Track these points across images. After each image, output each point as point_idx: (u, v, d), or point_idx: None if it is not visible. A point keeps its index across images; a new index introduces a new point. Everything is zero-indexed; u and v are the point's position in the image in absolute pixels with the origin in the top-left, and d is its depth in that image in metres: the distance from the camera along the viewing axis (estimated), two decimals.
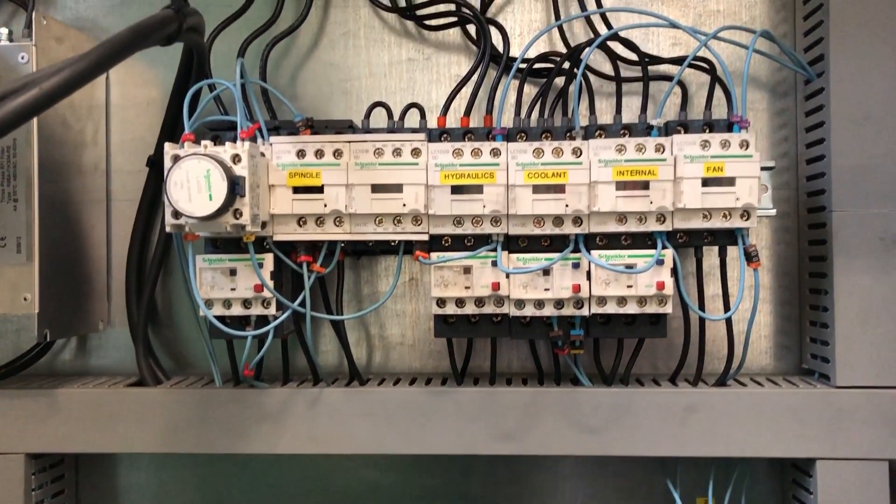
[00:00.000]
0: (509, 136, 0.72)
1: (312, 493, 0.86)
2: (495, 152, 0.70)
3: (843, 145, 0.73)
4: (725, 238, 0.71)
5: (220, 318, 0.71)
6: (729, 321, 0.74)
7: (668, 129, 0.71)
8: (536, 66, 0.77)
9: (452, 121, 0.80)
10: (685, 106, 0.76)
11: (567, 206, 0.69)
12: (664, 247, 0.70)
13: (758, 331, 0.82)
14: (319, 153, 0.71)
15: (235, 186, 0.64)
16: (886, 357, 0.72)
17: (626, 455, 0.73)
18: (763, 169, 0.73)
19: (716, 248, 0.74)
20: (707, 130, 0.71)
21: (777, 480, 0.82)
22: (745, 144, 0.69)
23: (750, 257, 0.70)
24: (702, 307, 0.74)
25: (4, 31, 0.73)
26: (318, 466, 0.86)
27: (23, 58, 0.72)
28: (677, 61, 0.78)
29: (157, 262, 0.83)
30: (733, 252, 0.74)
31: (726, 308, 0.74)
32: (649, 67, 0.77)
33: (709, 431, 0.72)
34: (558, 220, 0.70)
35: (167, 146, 0.66)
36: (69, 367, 0.87)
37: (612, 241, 0.71)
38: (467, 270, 0.71)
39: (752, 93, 0.82)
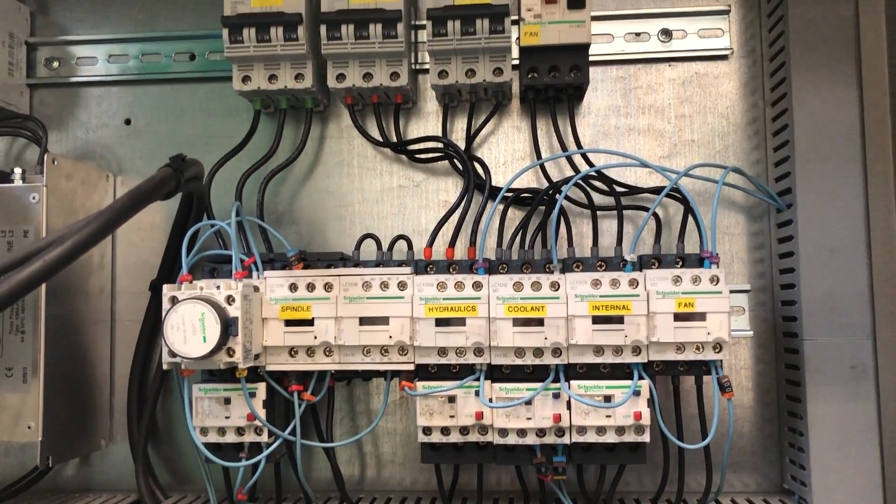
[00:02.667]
0: (491, 267, 0.75)
1: None
2: (477, 285, 0.74)
3: (812, 276, 0.76)
4: (699, 369, 0.73)
5: (216, 445, 0.75)
6: (707, 447, 0.76)
7: (642, 263, 0.75)
8: (521, 193, 0.82)
9: (441, 243, 0.83)
10: (659, 238, 0.79)
11: (546, 338, 0.72)
12: (640, 377, 0.73)
13: (741, 447, 0.83)
14: (311, 286, 0.75)
15: (229, 328, 0.68)
16: (862, 484, 0.73)
17: None
18: (739, 292, 0.77)
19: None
20: (680, 263, 0.74)
21: None
22: (715, 280, 0.72)
23: (723, 388, 0.72)
24: (680, 430, 0.77)
25: (18, 171, 0.78)
26: None
27: (34, 198, 0.77)
28: (656, 191, 0.82)
29: (158, 382, 0.86)
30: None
31: (703, 432, 0.76)
32: (631, 193, 0.81)
33: None
34: (538, 351, 0.73)
35: (165, 288, 0.70)
36: (72, 482, 0.90)
37: (591, 370, 0.74)
38: (452, 399, 0.74)
39: (730, 216, 0.85)
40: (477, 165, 0.83)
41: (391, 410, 0.87)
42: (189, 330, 0.67)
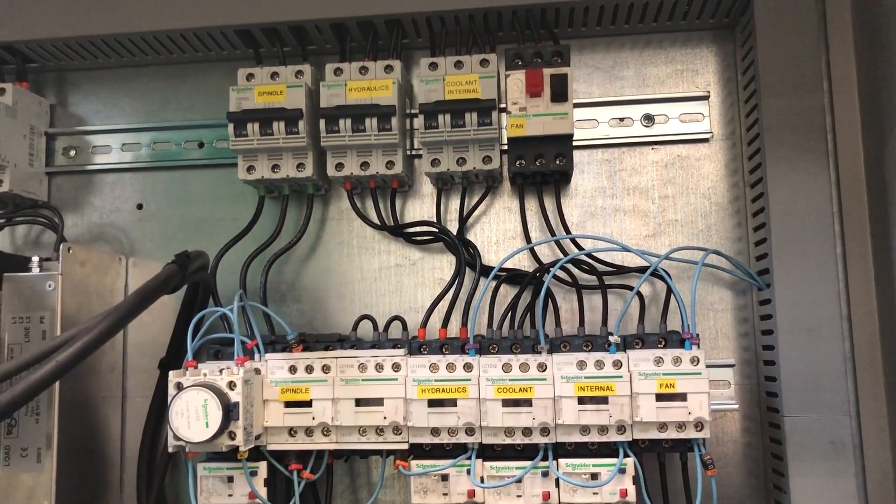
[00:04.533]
0: (482, 346, 0.79)
1: None
2: (468, 367, 0.77)
3: (790, 354, 0.79)
4: (684, 446, 0.76)
5: None
6: None
7: (626, 343, 0.78)
8: (511, 273, 0.86)
9: (437, 320, 0.87)
10: (643, 318, 0.83)
11: (534, 418, 0.75)
12: (626, 455, 0.75)
13: None
14: (309, 368, 0.79)
15: (230, 412, 0.72)
16: None
17: None
18: (724, 366, 0.80)
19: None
20: (662, 343, 0.77)
21: None
22: (695, 361, 0.75)
23: (706, 465, 0.75)
24: None
25: (35, 259, 0.83)
26: None
27: (50, 286, 0.82)
28: (641, 270, 0.85)
29: (166, 458, 0.89)
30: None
31: None
32: (618, 273, 0.85)
33: None
34: (527, 430, 0.76)
35: (171, 374, 0.74)
36: None
37: (579, 447, 0.77)
38: (445, 478, 0.77)
39: (716, 292, 0.88)
40: (469, 247, 0.87)
41: (390, 484, 0.90)
42: (193, 416, 0.71)
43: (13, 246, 0.97)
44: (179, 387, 0.72)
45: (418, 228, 0.89)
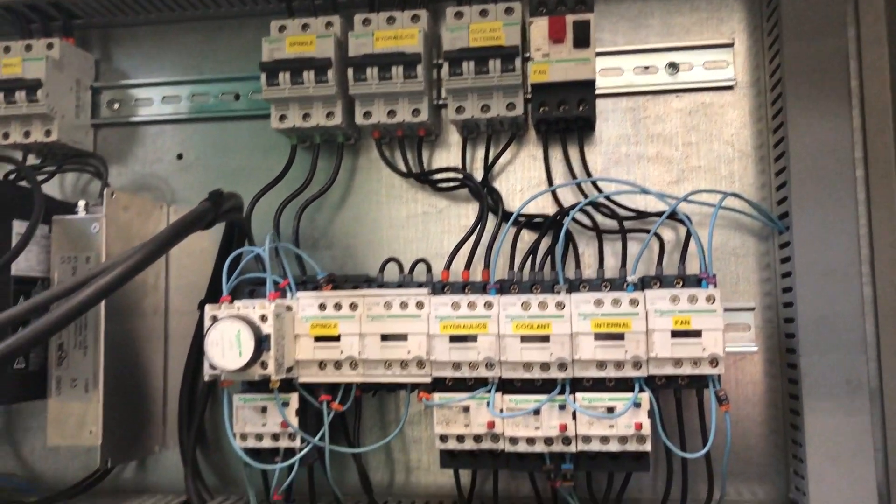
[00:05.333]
0: (503, 288, 0.82)
1: None
2: (488, 305, 0.80)
3: (807, 296, 0.80)
4: (699, 383, 0.78)
5: (254, 450, 0.82)
6: (708, 456, 0.80)
7: (644, 283, 0.80)
8: (532, 219, 0.88)
9: (460, 265, 0.89)
10: (661, 260, 0.84)
11: (552, 354, 0.78)
12: (641, 390, 0.78)
13: (749, 458, 0.87)
14: (338, 306, 0.82)
15: (262, 343, 0.76)
16: (858, 495, 0.77)
17: None
18: (744, 310, 0.81)
19: None
20: (680, 284, 0.79)
21: None
22: (711, 299, 0.76)
23: (720, 401, 0.77)
24: (683, 441, 0.81)
25: (82, 203, 0.88)
26: None
27: (95, 228, 0.87)
28: (661, 215, 0.87)
29: (206, 393, 0.95)
30: None
31: (705, 441, 0.81)
32: (639, 217, 0.87)
33: None
34: (545, 365, 0.79)
35: (207, 307, 0.78)
36: (130, 484, 0.99)
37: (597, 383, 0.79)
38: (466, 409, 0.80)
39: (739, 238, 0.89)
40: (492, 194, 0.90)
41: (417, 420, 0.93)
42: (226, 345, 0.75)
43: (62, 194, 1.03)
44: (214, 319, 0.77)
45: (444, 175, 0.92)
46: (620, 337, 0.77)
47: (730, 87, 0.91)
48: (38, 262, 0.88)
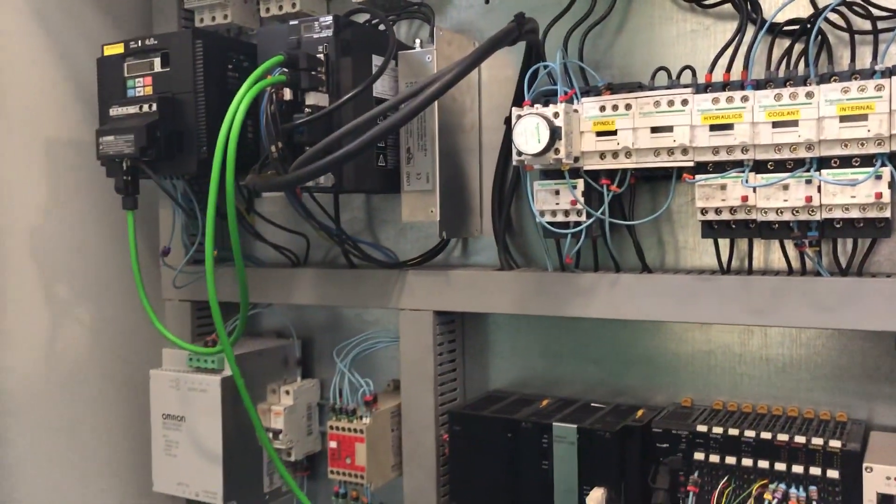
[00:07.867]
0: (759, 86, 0.95)
1: (613, 353, 1.19)
2: (744, 98, 0.94)
3: None
4: None
5: (550, 224, 1.07)
6: None
7: (892, 71, 0.88)
8: (786, 27, 1.00)
9: (720, 73, 1.04)
10: None
11: (800, 136, 0.91)
12: (883, 164, 0.88)
13: None
14: (615, 107, 1.02)
15: (555, 133, 0.98)
16: None
17: (854, 328, 0.93)
18: None
19: None
20: None
21: None
22: None
23: None
24: None
25: (418, 41, 1.16)
26: (619, 334, 1.18)
27: (428, 58, 1.14)
28: None
29: (511, 190, 1.20)
30: None
31: None
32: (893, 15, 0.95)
33: None
34: (794, 146, 0.92)
35: (513, 109, 1.02)
36: (457, 260, 1.30)
37: (843, 162, 0.91)
38: (723, 187, 0.97)
39: None
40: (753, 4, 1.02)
41: (685, 209, 1.11)
42: (529, 135, 0.99)
43: (399, 37, 1.31)
44: (519, 116, 1.00)
45: None
46: (864, 118, 0.88)
47: None
48: (389, 88, 1.18)
